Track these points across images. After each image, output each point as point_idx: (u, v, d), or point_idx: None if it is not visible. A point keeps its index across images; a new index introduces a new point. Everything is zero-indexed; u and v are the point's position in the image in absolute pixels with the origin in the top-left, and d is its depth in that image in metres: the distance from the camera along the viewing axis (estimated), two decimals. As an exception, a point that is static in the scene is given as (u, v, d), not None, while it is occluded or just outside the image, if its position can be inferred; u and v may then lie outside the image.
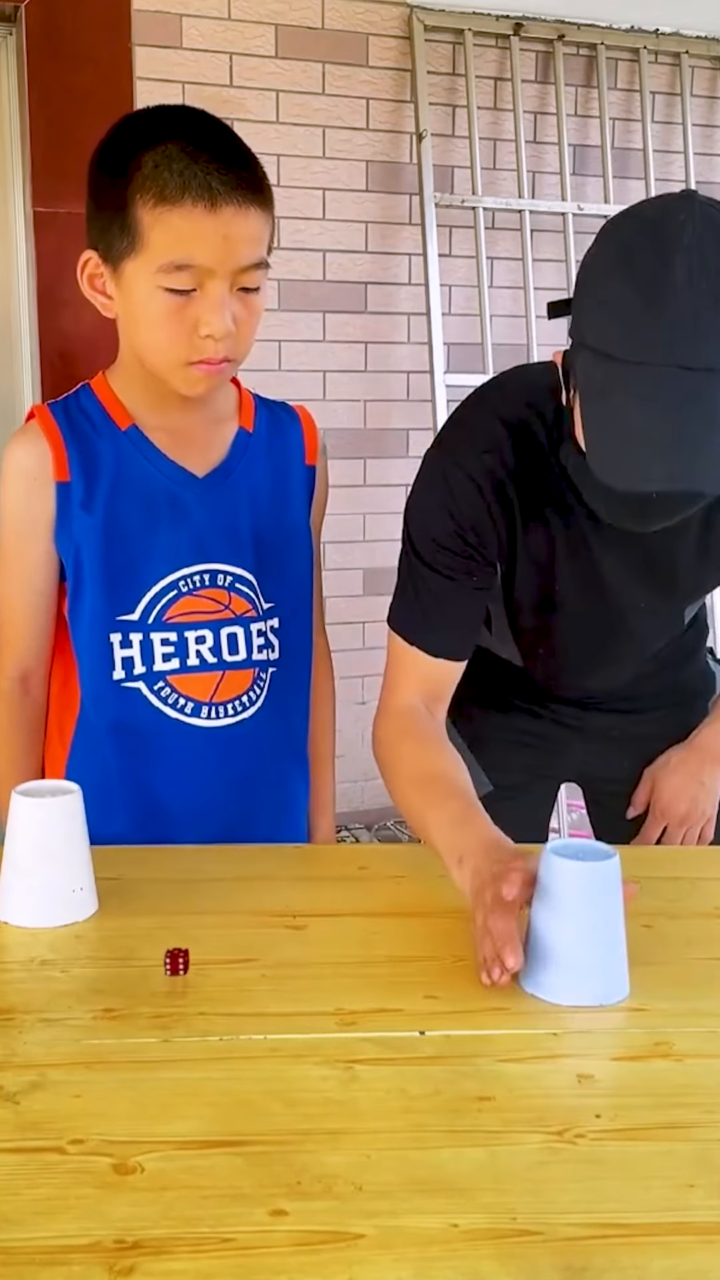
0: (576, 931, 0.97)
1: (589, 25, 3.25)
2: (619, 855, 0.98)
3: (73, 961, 1.02)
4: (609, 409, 1.03)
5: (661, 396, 1.00)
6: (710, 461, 1.01)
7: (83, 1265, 0.67)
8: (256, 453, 1.35)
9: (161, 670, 1.31)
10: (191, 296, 1.16)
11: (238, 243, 1.15)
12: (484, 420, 1.26)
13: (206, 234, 1.13)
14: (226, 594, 1.32)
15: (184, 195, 1.13)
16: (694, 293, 1.00)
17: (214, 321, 1.16)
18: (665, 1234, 0.71)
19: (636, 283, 1.01)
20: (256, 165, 1.19)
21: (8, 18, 2.91)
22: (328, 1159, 0.76)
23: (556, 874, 0.96)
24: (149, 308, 1.18)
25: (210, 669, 1.32)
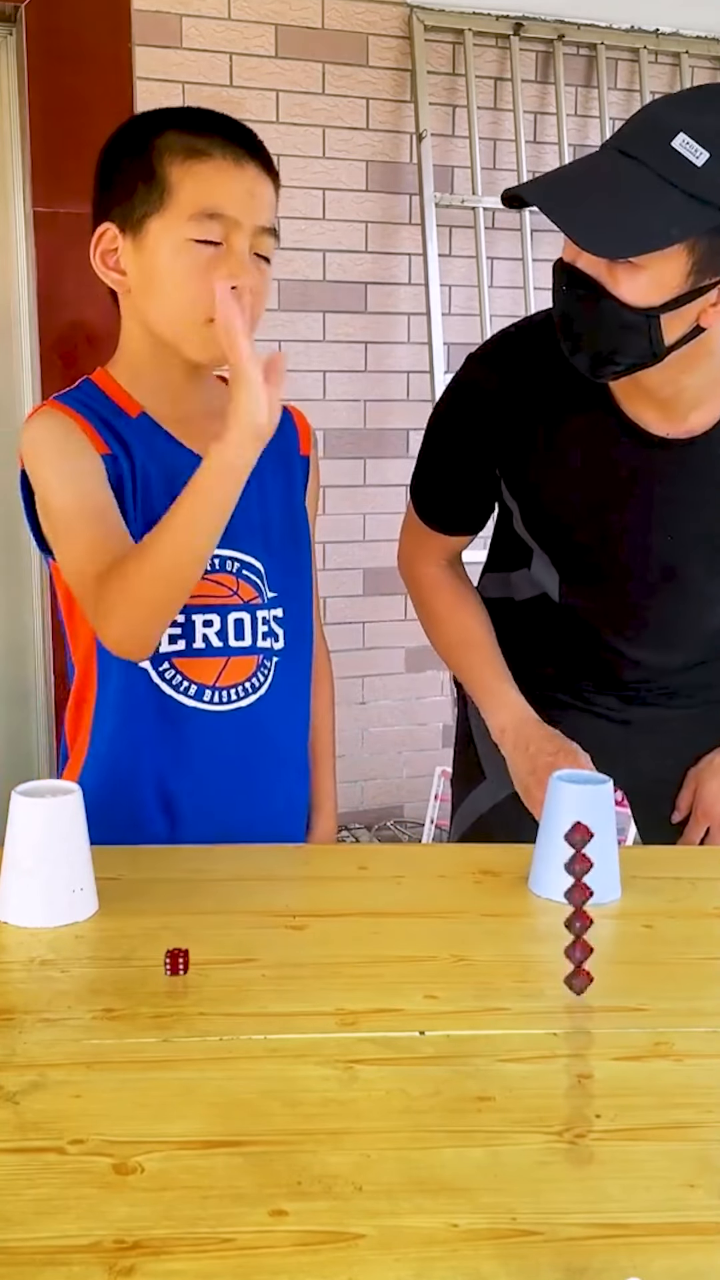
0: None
1: (589, 25, 3.25)
2: (611, 782, 1.18)
3: (73, 961, 1.01)
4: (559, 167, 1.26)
5: (590, 162, 1.19)
6: (590, 211, 1.14)
7: (83, 1266, 0.67)
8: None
9: (167, 652, 1.30)
10: (218, 250, 1.19)
11: (261, 200, 1.22)
12: (512, 330, 1.46)
13: (234, 186, 1.20)
14: (235, 580, 1.32)
15: (212, 149, 1.20)
16: (667, 111, 1.15)
17: (240, 273, 1.19)
18: (666, 1234, 0.71)
19: (646, 106, 1.22)
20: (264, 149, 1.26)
21: (8, 18, 2.91)
22: (328, 1159, 0.76)
23: (561, 796, 1.16)
24: (175, 264, 1.21)
25: (216, 653, 1.32)
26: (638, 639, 1.46)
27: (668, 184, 1.11)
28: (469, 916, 1.14)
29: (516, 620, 1.52)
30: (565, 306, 1.23)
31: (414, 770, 3.47)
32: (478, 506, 1.49)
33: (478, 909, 1.15)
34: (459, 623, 1.52)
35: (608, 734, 1.53)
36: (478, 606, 1.53)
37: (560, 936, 0.99)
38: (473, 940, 1.08)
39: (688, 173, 1.11)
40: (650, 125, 1.15)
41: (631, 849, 1.41)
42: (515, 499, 1.44)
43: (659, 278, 1.15)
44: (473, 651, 1.50)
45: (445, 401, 1.46)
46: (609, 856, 1.16)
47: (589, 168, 1.19)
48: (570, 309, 1.22)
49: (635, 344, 1.19)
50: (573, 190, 1.17)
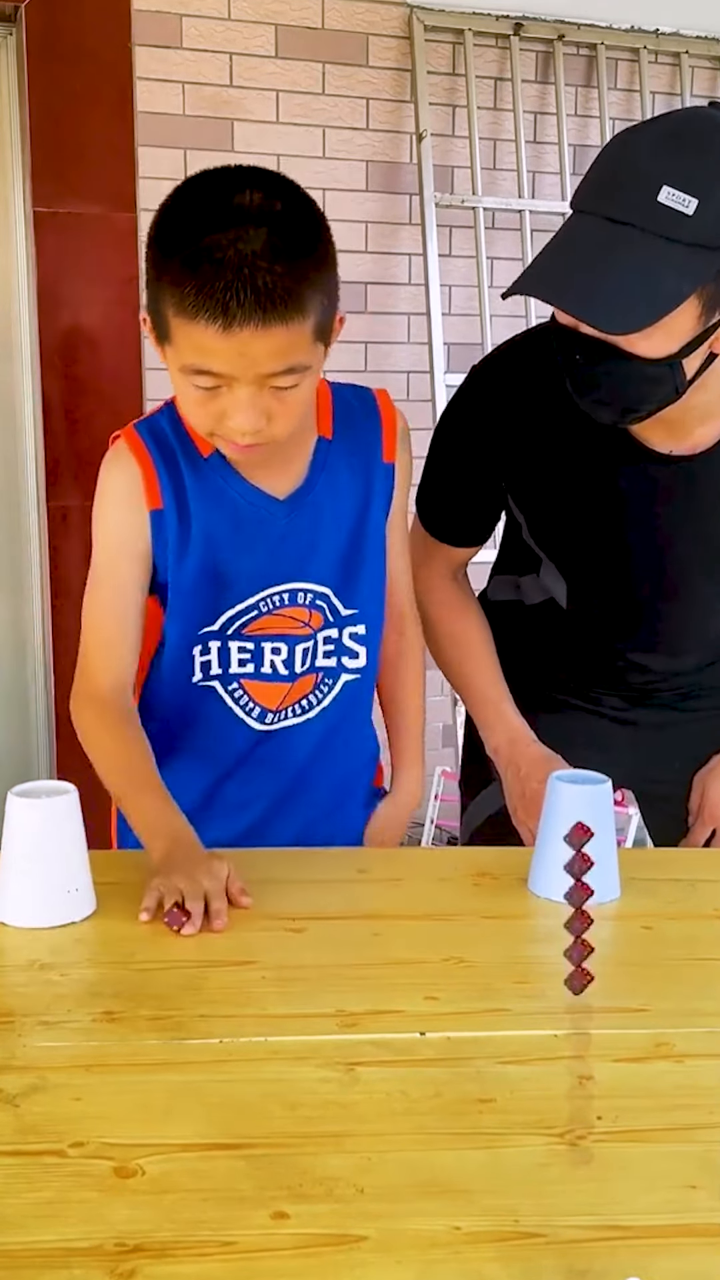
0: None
1: (589, 25, 3.25)
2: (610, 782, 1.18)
3: (73, 964, 1.01)
4: (545, 246, 1.20)
5: (578, 236, 1.16)
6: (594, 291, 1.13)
7: (83, 1268, 0.67)
8: (337, 461, 1.32)
9: (236, 673, 1.32)
10: (219, 391, 1.14)
11: (258, 358, 1.11)
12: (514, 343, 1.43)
13: (221, 351, 1.10)
14: (307, 612, 1.32)
15: (198, 313, 1.08)
16: (642, 163, 1.12)
17: (238, 419, 1.15)
18: (668, 1236, 0.71)
19: (607, 150, 1.19)
20: (301, 268, 1.10)
21: (8, 18, 2.91)
22: (329, 1161, 0.76)
23: (561, 796, 1.16)
24: (181, 391, 1.18)
25: (282, 680, 1.33)
26: (645, 645, 1.46)
27: (667, 241, 1.10)
28: (469, 918, 1.14)
29: (525, 623, 1.53)
30: (581, 374, 1.21)
31: (414, 770, 3.46)
32: (483, 519, 1.50)
33: (477, 910, 1.15)
34: (460, 638, 1.53)
35: (617, 736, 1.53)
36: (479, 622, 1.54)
37: (560, 937, 0.98)
38: (473, 942, 1.08)
39: (682, 224, 1.10)
40: (630, 183, 1.12)
41: (631, 849, 1.41)
42: (522, 511, 1.44)
43: (675, 329, 1.14)
44: (472, 668, 1.51)
45: (449, 414, 1.46)
46: (609, 856, 1.16)
47: (582, 244, 1.15)
48: (587, 376, 1.21)
49: (660, 391, 1.20)
50: (575, 273, 1.14)
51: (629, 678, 1.50)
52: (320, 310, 1.14)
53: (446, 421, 1.47)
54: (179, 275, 1.09)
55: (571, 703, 1.54)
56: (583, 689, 1.53)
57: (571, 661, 1.52)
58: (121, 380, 2.96)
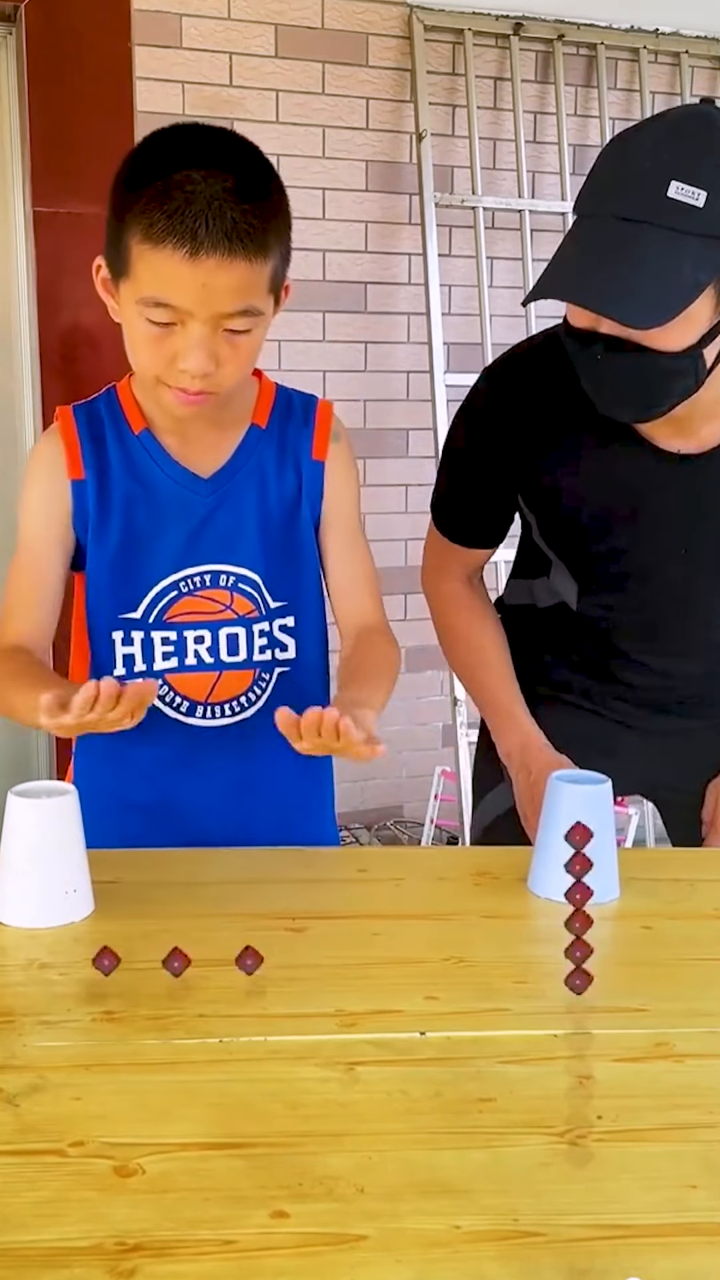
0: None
1: (589, 25, 3.25)
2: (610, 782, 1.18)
3: (72, 964, 1.01)
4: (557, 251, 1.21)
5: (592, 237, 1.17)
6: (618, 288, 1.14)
7: (84, 1268, 0.67)
8: (266, 449, 1.34)
9: (161, 669, 1.32)
10: (172, 329, 1.16)
11: (219, 292, 1.13)
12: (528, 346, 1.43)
13: (184, 280, 1.12)
14: (229, 594, 1.33)
15: (166, 238, 1.11)
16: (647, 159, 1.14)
17: (190, 358, 1.16)
18: (668, 1235, 0.71)
19: (607, 151, 1.20)
20: (265, 212, 1.16)
21: (8, 18, 2.91)
22: (329, 1161, 0.76)
23: (560, 796, 1.16)
24: (134, 329, 1.19)
25: (207, 669, 1.33)
26: (654, 648, 1.46)
27: (680, 234, 1.13)
28: (469, 918, 1.14)
29: (538, 626, 1.54)
30: (602, 372, 1.22)
31: (414, 770, 3.47)
32: (496, 519, 1.51)
33: (477, 910, 1.15)
34: (475, 643, 1.53)
35: (630, 743, 1.54)
36: (494, 626, 1.54)
37: (560, 937, 0.99)
38: (472, 941, 1.08)
39: (693, 217, 1.12)
40: (638, 182, 1.14)
41: (631, 849, 1.41)
42: (532, 511, 1.45)
43: (693, 319, 1.16)
44: (486, 672, 1.52)
45: (461, 416, 1.47)
46: (608, 856, 1.17)
47: (598, 245, 1.17)
48: (607, 373, 1.22)
49: (682, 383, 1.21)
50: (597, 274, 1.16)
51: (639, 682, 1.50)
52: (278, 260, 1.19)
53: (458, 423, 1.48)
54: (148, 205, 1.12)
55: (584, 707, 1.54)
56: (594, 694, 1.54)
57: (582, 666, 1.52)
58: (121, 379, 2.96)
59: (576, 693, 1.54)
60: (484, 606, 1.56)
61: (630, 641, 1.47)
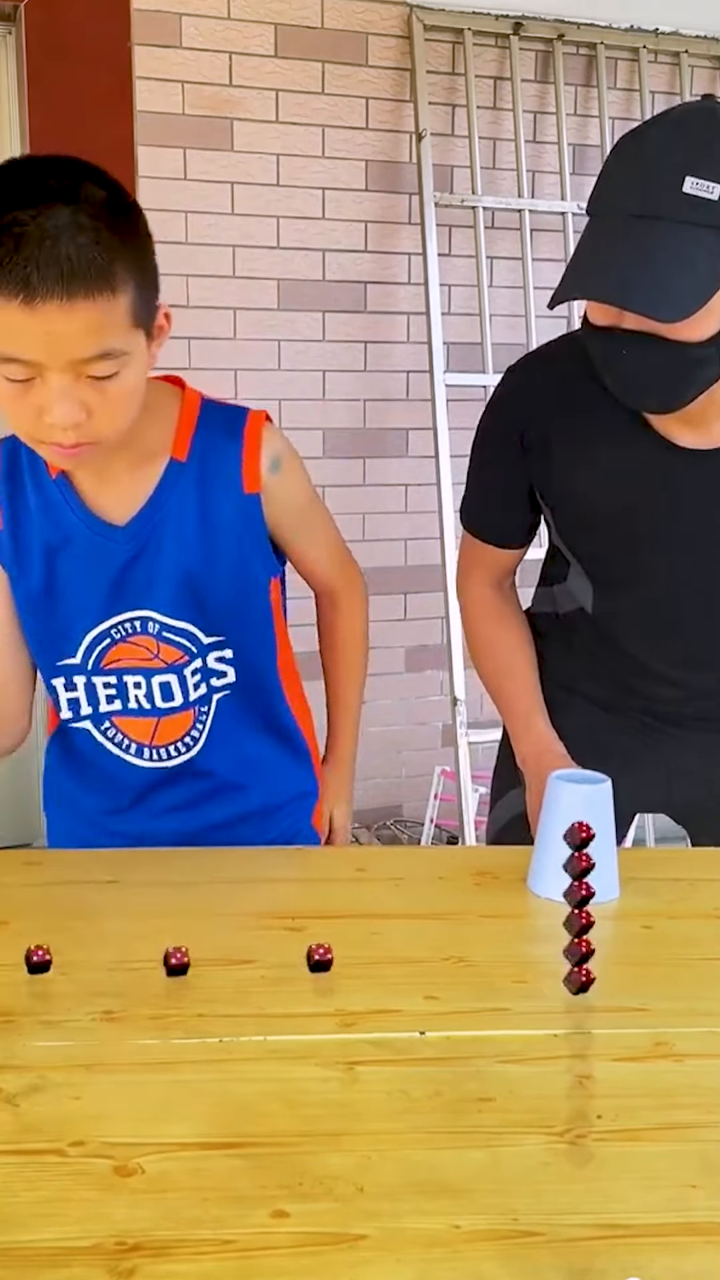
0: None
1: (589, 25, 3.25)
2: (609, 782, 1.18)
3: (71, 964, 1.01)
4: (575, 252, 1.22)
5: (611, 236, 1.18)
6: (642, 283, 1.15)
7: (84, 1267, 0.67)
8: (187, 486, 1.26)
9: (106, 711, 1.31)
10: (32, 383, 1.06)
11: (65, 339, 1.03)
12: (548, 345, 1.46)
13: (26, 331, 1.02)
14: (155, 642, 1.28)
15: (1, 290, 1.01)
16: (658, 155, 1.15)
17: (55, 412, 1.07)
18: (667, 1234, 0.71)
19: (617, 150, 1.20)
20: (108, 242, 1.03)
21: (8, 17, 2.91)
22: (329, 1160, 0.76)
23: (561, 796, 1.17)
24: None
25: (147, 714, 1.31)
26: (669, 655, 1.47)
27: (697, 227, 1.14)
28: (468, 917, 1.14)
29: (559, 633, 1.55)
30: (627, 366, 1.23)
31: (413, 770, 3.47)
32: (519, 516, 1.51)
33: (477, 910, 1.15)
34: (498, 648, 1.55)
35: (650, 756, 1.53)
36: (520, 632, 1.55)
37: (560, 936, 0.99)
38: (472, 941, 1.08)
39: (709, 210, 1.14)
40: (651, 179, 1.15)
41: (631, 849, 1.41)
42: (548, 507, 1.46)
43: (714, 309, 1.18)
44: (507, 678, 1.53)
45: (485, 413, 1.49)
46: (609, 856, 1.17)
47: (618, 243, 1.17)
48: (633, 367, 1.23)
49: (708, 372, 1.22)
50: (614, 270, 1.17)
51: (655, 692, 1.50)
52: (135, 292, 1.07)
53: (482, 421, 1.49)
54: None
55: (603, 719, 1.54)
56: (612, 704, 1.54)
57: (599, 674, 1.53)
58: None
59: (597, 704, 1.54)
60: (511, 612, 1.57)
61: (646, 648, 1.47)
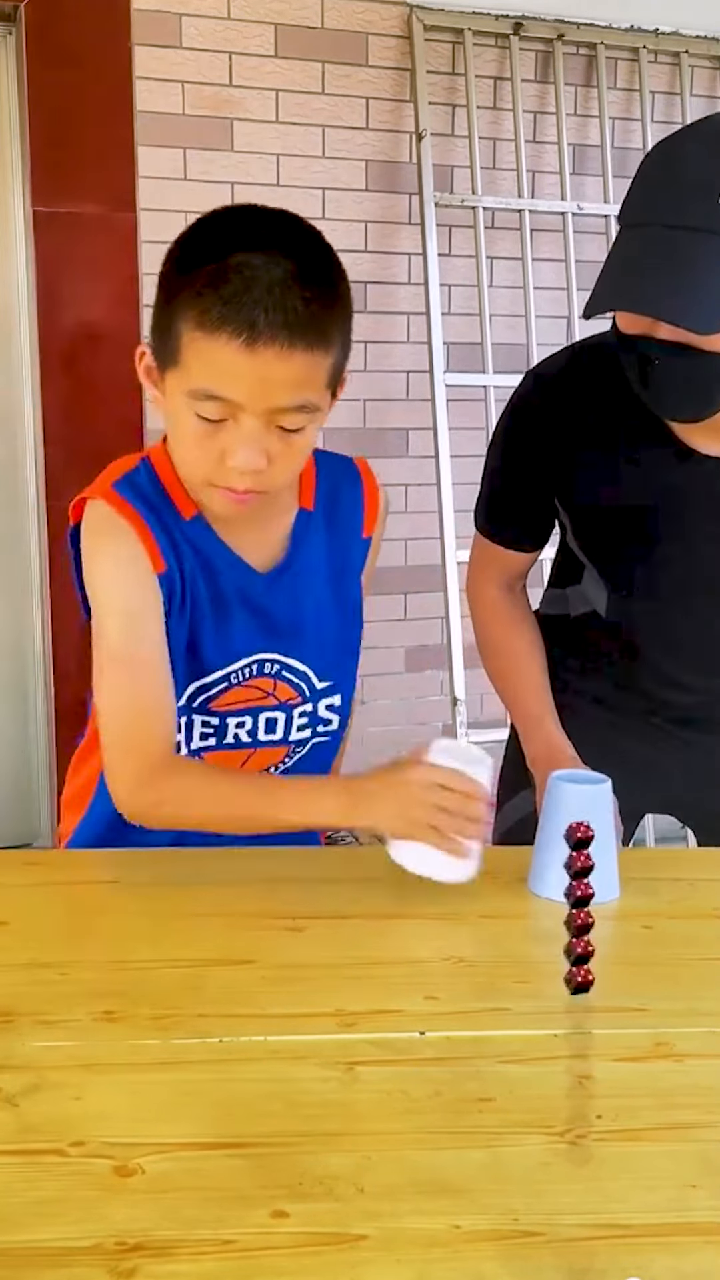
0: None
1: (589, 25, 3.25)
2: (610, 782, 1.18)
3: (71, 963, 1.01)
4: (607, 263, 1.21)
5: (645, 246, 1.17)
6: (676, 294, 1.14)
7: (84, 1267, 0.67)
8: (316, 534, 1.30)
9: (198, 748, 1.30)
10: (223, 425, 1.10)
11: (275, 385, 1.07)
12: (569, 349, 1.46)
13: (240, 371, 1.05)
14: (272, 682, 1.29)
15: (222, 327, 1.04)
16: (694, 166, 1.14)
17: (240, 455, 1.10)
18: (668, 1234, 0.71)
19: (651, 160, 1.20)
20: (327, 300, 1.08)
21: (7, 18, 2.90)
22: (329, 1160, 0.76)
23: (560, 796, 1.17)
24: (181, 424, 1.13)
25: (244, 746, 1.31)
26: (683, 659, 1.47)
27: None
28: (468, 917, 1.14)
29: (571, 636, 1.55)
30: (660, 376, 1.22)
31: (414, 770, 3.47)
32: (535, 520, 1.51)
33: (477, 910, 1.15)
34: (508, 651, 1.54)
35: (660, 759, 1.54)
36: (530, 634, 1.55)
37: (560, 936, 0.99)
38: (473, 941, 1.08)
39: None
40: (687, 190, 1.14)
41: (631, 849, 1.41)
42: (566, 511, 1.46)
43: None
44: (517, 680, 1.53)
45: (504, 415, 1.49)
46: (609, 856, 1.16)
47: (652, 254, 1.17)
48: (665, 377, 1.22)
49: None
50: (650, 281, 1.16)
51: (668, 696, 1.50)
52: (338, 352, 1.12)
53: (500, 426, 1.49)
54: (203, 289, 1.05)
55: (614, 722, 1.54)
56: (623, 707, 1.54)
57: (611, 677, 1.53)
58: (121, 380, 2.94)
59: (607, 706, 1.54)
60: (522, 615, 1.57)
61: (659, 651, 1.47)
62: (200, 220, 1.12)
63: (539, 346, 3.11)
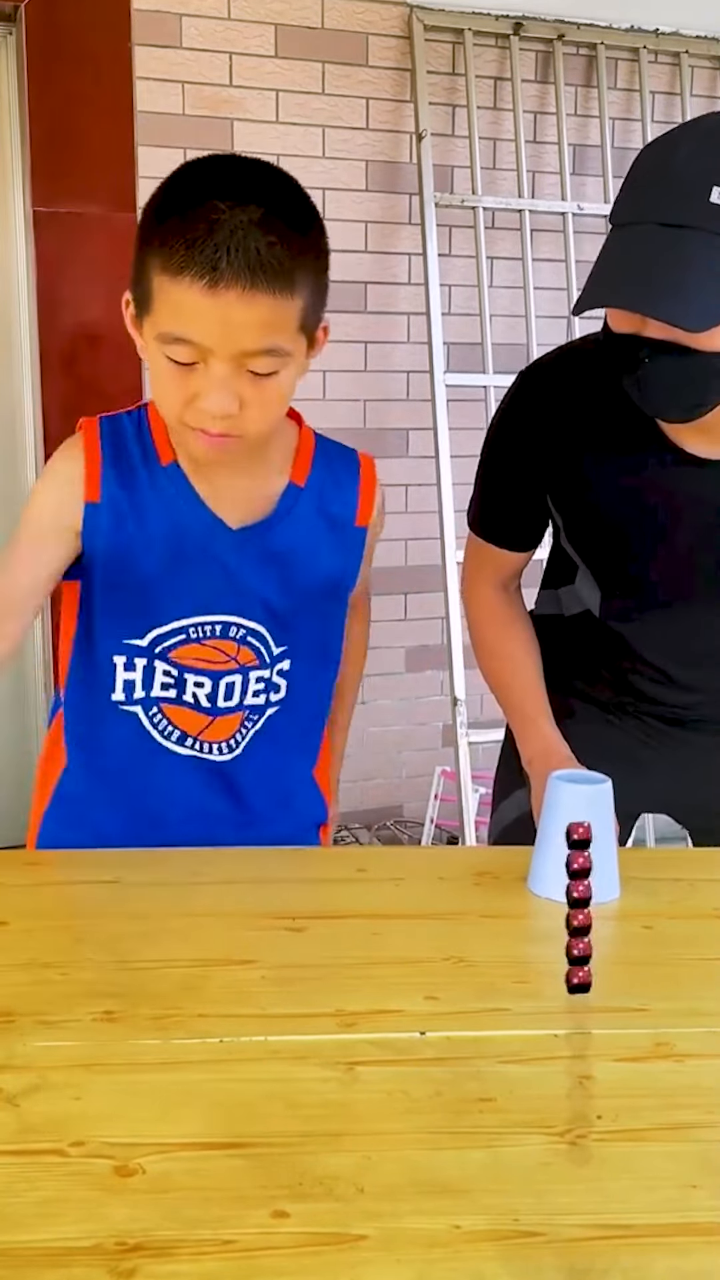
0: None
1: (589, 25, 3.25)
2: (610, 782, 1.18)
3: (71, 963, 1.01)
4: (599, 260, 1.20)
5: (636, 244, 1.17)
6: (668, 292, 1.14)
7: (84, 1267, 0.67)
8: (304, 511, 1.30)
9: (158, 696, 1.30)
10: (194, 367, 1.11)
11: (240, 328, 1.08)
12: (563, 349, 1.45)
13: (204, 313, 1.07)
14: (236, 646, 1.29)
15: (185, 270, 1.05)
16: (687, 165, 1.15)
17: (210, 398, 1.11)
18: (668, 1235, 0.71)
19: (643, 160, 1.20)
20: (295, 244, 1.09)
21: (8, 18, 2.91)
22: (329, 1160, 0.76)
23: (560, 796, 1.17)
24: (155, 367, 1.15)
25: (203, 711, 1.31)
26: (675, 659, 1.47)
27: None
28: (469, 917, 1.14)
29: (564, 636, 1.55)
30: (650, 375, 1.22)
31: (413, 770, 3.47)
32: (529, 520, 1.50)
33: (477, 910, 1.16)
34: (504, 651, 1.54)
35: (655, 759, 1.53)
36: (526, 635, 1.55)
37: (560, 936, 0.99)
38: (473, 941, 1.08)
39: None
40: (678, 189, 1.15)
41: (631, 849, 1.41)
42: (559, 512, 1.45)
43: None
44: (513, 679, 1.52)
45: (497, 417, 1.49)
46: (609, 856, 1.16)
47: (644, 251, 1.17)
48: (654, 376, 1.22)
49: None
50: (640, 278, 1.16)
51: (662, 696, 1.50)
52: (308, 298, 1.12)
53: (494, 425, 1.49)
54: (170, 234, 1.07)
55: (609, 722, 1.54)
56: (618, 707, 1.54)
57: (606, 677, 1.53)
58: (121, 380, 2.96)
59: (601, 706, 1.54)
60: (517, 615, 1.56)
61: (651, 651, 1.47)
62: (178, 169, 1.14)
63: (539, 346, 3.12)
